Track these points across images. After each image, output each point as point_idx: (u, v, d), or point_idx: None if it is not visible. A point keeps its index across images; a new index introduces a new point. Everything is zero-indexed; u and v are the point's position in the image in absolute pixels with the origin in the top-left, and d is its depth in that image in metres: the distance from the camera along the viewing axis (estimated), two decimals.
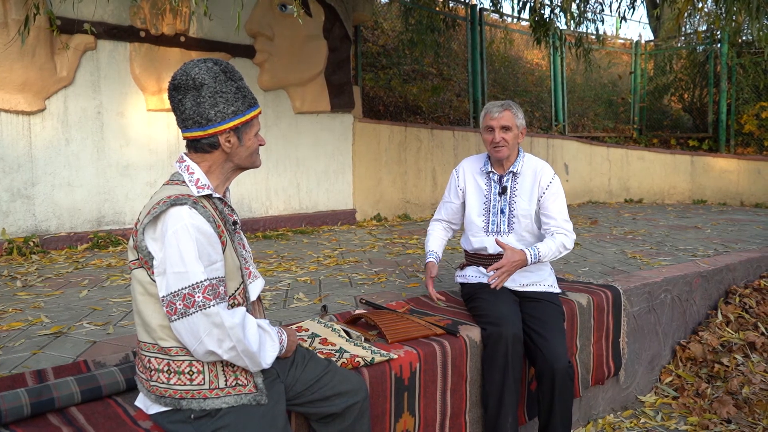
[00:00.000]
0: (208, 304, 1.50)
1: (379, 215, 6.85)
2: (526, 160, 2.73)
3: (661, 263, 4.08)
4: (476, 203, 2.76)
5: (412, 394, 2.27)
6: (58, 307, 3.00)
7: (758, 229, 5.96)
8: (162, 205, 1.52)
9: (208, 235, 1.53)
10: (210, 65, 1.59)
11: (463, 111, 9.02)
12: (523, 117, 2.66)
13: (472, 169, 2.81)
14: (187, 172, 1.63)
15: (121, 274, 3.85)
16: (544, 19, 6.78)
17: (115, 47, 5.03)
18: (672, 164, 9.33)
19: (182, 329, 1.50)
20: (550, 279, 2.77)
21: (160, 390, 1.59)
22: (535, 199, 2.66)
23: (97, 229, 4.98)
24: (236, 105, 1.60)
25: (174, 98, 1.61)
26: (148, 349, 1.61)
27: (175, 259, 1.49)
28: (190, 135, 1.62)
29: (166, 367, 1.58)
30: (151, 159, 5.27)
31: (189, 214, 1.51)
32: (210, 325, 1.50)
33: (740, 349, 3.63)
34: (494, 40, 10.36)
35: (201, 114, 1.58)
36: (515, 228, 2.68)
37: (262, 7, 5.70)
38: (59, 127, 4.80)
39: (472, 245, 2.78)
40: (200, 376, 1.58)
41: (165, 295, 1.51)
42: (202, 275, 1.50)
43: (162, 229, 1.51)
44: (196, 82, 1.56)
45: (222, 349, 1.52)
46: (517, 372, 2.43)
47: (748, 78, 9.31)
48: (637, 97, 10.81)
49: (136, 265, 1.59)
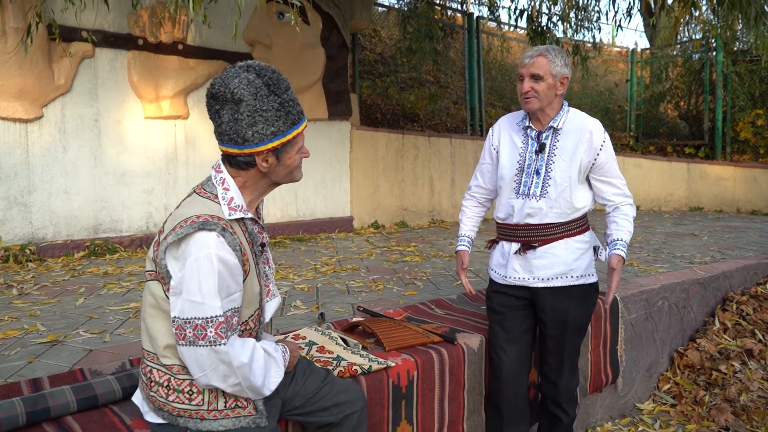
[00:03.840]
0: (219, 341, 1.42)
1: (376, 223, 6.85)
2: (571, 115, 2.32)
3: (658, 270, 4.08)
4: (509, 162, 2.38)
5: (410, 402, 2.26)
6: (54, 315, 2.99)
7: (755, 236, 5.98)
8: (189, 226, 1.43)
9: (231, 266, 1.45)
10: (251, 78, 1.44)
11: (461, 118, 9.04)
12: (564, 64, 2.25)
13: (509, 126, 2.45)
14: (221, 187, 1.53)
15: (118, 282, 3.83)
16: (541, 27, 6.82)
17: (113, 55, 5.04)
18: (668, 171, 9.36)
19: (188, 356, 1.45)
20: (583, 263, 2.34)
21: (159, 402, 1.55)
22: (579, 160, 2.26)
23: (94, 237, 4.97)
24: (277, 125, 1.47)
25: (212, 107, 1.50)
26: (151, 359, 1.57)
27: (192, 287, 1.41)
28: (226, 150, 1.52)
29: (166, 382, 1.54)
30: (149, 167, 5.27)
31: (216, 243, 1.42)
32: (217, 361, 1.44)
33: (738, 356, 3.63)
34: (491, 48, 10.41)
35: (237, 132, 1.46)
36: (549, 193, 2.28)
37: (260, 15, 5.72)
38: (56, 134, 4.80)
39: (500, 212, 2.44)
40: (200, 396, 1.53)
41: (177, 317, 1.44)
42: (219, 310, 1.43)
43: (185, 252, 1.43)
44: (235, 96, 1.43)
45: (226, 383, 1.47)
46: (519, 390, 2.44)
47: (743, 86, 9.36)
48: (633, 104, 10.86)
49: (151, 276, 1.53)
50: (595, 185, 2.35)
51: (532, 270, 2.33)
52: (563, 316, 2.33)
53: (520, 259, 2.35)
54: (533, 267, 2.33)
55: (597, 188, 2.35)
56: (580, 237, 2.35)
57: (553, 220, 2.29)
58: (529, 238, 2.33)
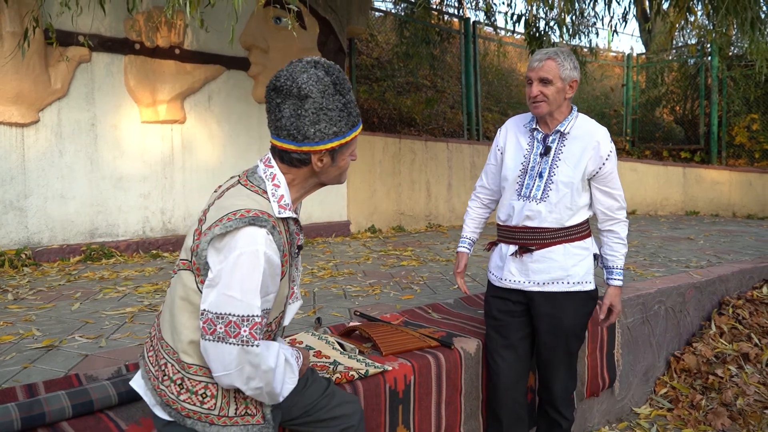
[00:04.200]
0: (253, 342, 1.36)
1: (373, 227, 6.85)
2: (579, 121, 2.30)
3: (654, 274, 4.09)
4: (513, 163, 2.36)
5: (407, 406, 2.26)
6: (49, 320, 2.97)
7: (750, 240, 6.00)
8: (239, 219, 1.36)
9: (274, 266, 1.40)
10: (321, 75, 1.41)
11: (457, 123, 9.06)
12: (573, 67, 2.22)
13: (515, 127, 2.42)
14: (271, 182, 1.47)
15: (114, 286, 3.82)
16: (539, 32, 6.85)
17: (110, 59, 5.04)
18: (664, 176, 9.39)
19: (213, 353, 1.36)
20: (581, 269, 2.30)
21: (168, 398, 1.47)
22: (583, 167, 2.23)
23: (90, 242, 4.96)
24: (339, 125, 1.44)
25: (272, 100, 1.44)
26: (168, 352, 1.48)
27: (234, 283, 1.34)
28: (280, 145, 1.46)
29: (179, 380, 1.46)
30: (145, 171, 5.26)
31: (265, 240, 1.36)
32: (245, 362, 1.37)
33: (734, 360, 3.64)
34: (488, 53, 10.44)
35: (299, 129, 1.41)
36: (550, 197, 2.25)
37: (257, 20, 5.73)
38: (53, 138, 4.79)
39: (501, 213, 2.42)
40: (212, 400, 1.47)
41: (207, 310, 1.36)
42: (257, 309, 1.36)
43: (230, 245, 1.35)
44: (302, 92, 1.39)
45: (247, 386, 1.41)
46: (518, 396, 2.44)
47: (738, 90, 9.41)
48: (629, 109, 10.90)
49: (185, 265, 1.45)
50: (593, 193, 2.32)
51: (528, 273, 2.31)
52: (558, 323, 2.30)
53: (516, 261, 2.33)
54: (529, 271, 2.30)
55: (595, 197, 2.32)
56: (580, 243, 2.31)
57: (551, 224, 2.27)
58: (527, 241, 2.31)
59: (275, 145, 1.48)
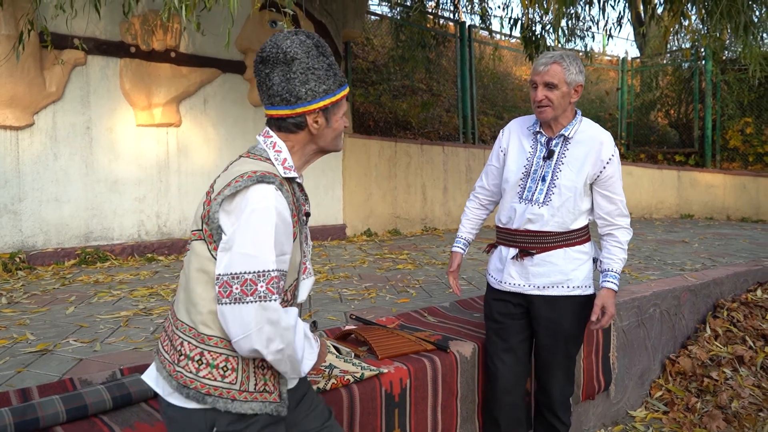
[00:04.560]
0: (270, 297, 1.34)
1: (369, 230, 6.85)
2: (583, 125, 2.28)
3: (649, 277, 4.10)
4: (516, 165, 2.34)
5: (403, 410, 2.26)
6: (44, 324, 2.96)
7: (744, 243, 6.02)
8: (247, 179, 1.37)
9: (286, 223, 1.41)
10: (303, 38, 1.47)
11: (453, 126, 9.08)
12: (578, 71, 2.20)
13: (519, 129, 2.40)
14: (273, 149, 1.49)
15: (109, 290, 3.81)
16: (534, 35, 6.88)
17: (105, 63, 5.03)
18: (659, 179, 9.43)
19: (230, 316, 1.34)
20: (581, 273, 2.30)
21: (185, 379, 1.41)
22: (587, 171, 2.22)
23: (85, 245, 4.94)
24: (328, 83, 1.49)
25: (261, 72, 1.49)
26: (184, 330, 1.44)
27: (246, 240, 1.34)
28: (275, 113, 1.50)
29: (198, 356, 1.41)
30: (141, 174, 5.25)
31: (274, 195, 1.38)
32: (264, 321, 1.34)
33: (729, 362, 3.65)
34: (483, 57, 10.48)
35: (290, 91, 1.46)
36: (552, 200, 2.24)
37: (253, 24, 5.73)
38: (47, 142, 4.78)
39: (502, 216, 2.40)
40: (234, 374, 1.42)
41: (222, 274, 1.35)
42: (273, 264, 1.35)
43: (241, 204, 1.36)
44: (288, 56, 1.44)
45: (268, 349, 1.36)
46: (516, 399, 2.44)
47: (732, 94, 9.47)
48: (624, 112, 10.95)
49: (197, 236, 1.44)
50: (594, 197, 2.30)
51: (528, 277, 2.30)
52: (557, 327, 2.30)
53: (516, 265, 2.32)
54: (529, 274, 2.29)
55: (595, 201, 2.30)
56: (580, 247, 2.31)
57: (554, 228, 2.25)
58: (527, 244, 2.30)
59: (270, 115, 1.51)
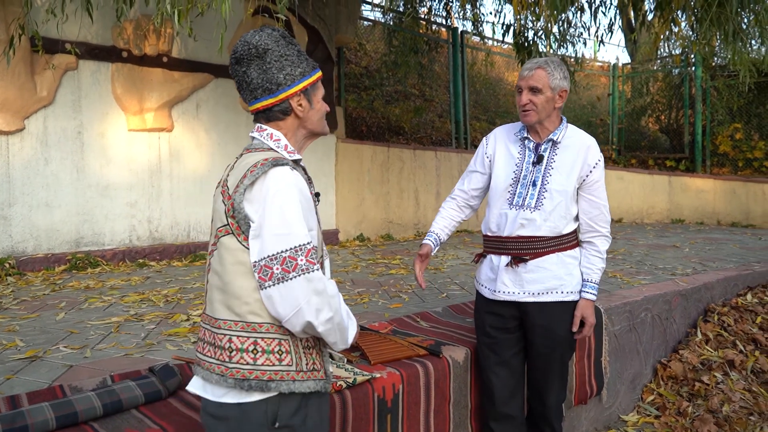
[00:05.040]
0: (312, 268, 1.38)
1: (361, 235, 6.84)
2: (570, 131, 2.32)
3: (641, 282, 4.12)
4: (504, 172, 2.34)
5: (395, 416, 2.25)
6: (33, 331, 2.93)
7: (735, 247, 6.07)
8: (262, 166, 1.42)
9: (307, 199, 1.47)
10: (269, 32, 1.55)
11: (445, 131, 9.10)
12: (563, 77, 2.24)
13: (505, 136, 2.41)
14: (271, 140, 1.54)
15: (100, 296, 3.78)
16: (527, 41, 6.92)
17: (97, 67, 5.01)
18: (650, 184, 9.49)
19: (277, 296, 1.38)
20: (574, 279, 2.30)
21: (243, 372, 1.42)
22: (576, 175, 2.25)
23: (76, 251, 4.91)
24: (302, 66, 1.56)
25: (237, 72, 1.55)
26: (229, 327, 1.45)
27: (276, 221, 1.39)
28: (261, 105, 1.55)
29: (252, 345, 1.43)
30: (132, 179, 5.23)
31: (292, 174, 1.44)
32: (310, 292, 1.38)
33: (719, 367, 3.67)
34: (476, 62, 10.52)
35: (270, 80, 1.52)
36: (544, 205, 2.24)
37: (246, 29, 5.73)
38: (38, 147, 4.75)
39: (491, 224, 2.37)
40: (288, 356, 1.45)
41: (259, 260, 1.39)
42: (306, 237, 1.40)
43: (262, 190, 1.41)
44: (259, 49, 1.52)
45: (319, 320, 1.40)
46: (514, 411, 2.43)
47: (722, 100, 9.55)
48: (615, 118, 11.02)
49: (223, 232, 1.46)
50: (579, 201, 2.31)
51: (522, 284, 2.28)
52: (552, 334, 2.29)
53: (510, 272, 2.30)
54: (524, 281, 2.28)
55: (580, 205, 2.31)
56: (571, 252, 2.31)
57: (546, 233, 2.25)
58: (520, 251, 2.28)
59: (256, 108, 1.56)
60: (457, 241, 6.82)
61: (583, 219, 2.32)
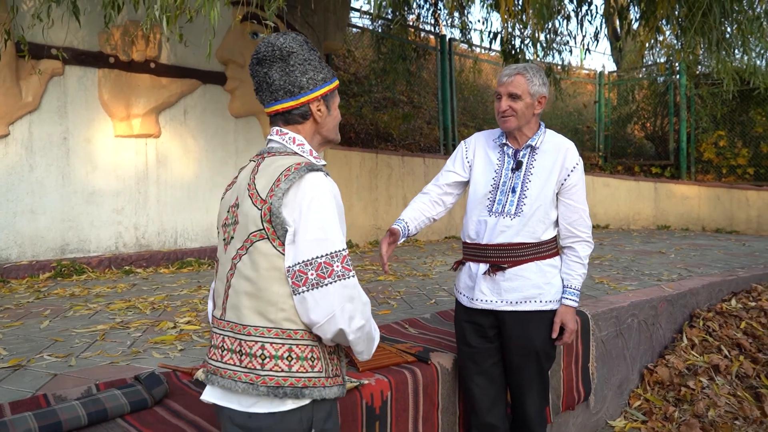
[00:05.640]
0: (348, 274, 1.38)
1: (350, 242, 6.84)
2: (548, 136, 2.30)
3: (627, 288, 4.15)
4: (484, 179, 2.33)
5: (384, 423, 2.24)
6: (17, 339, 2.90)
7: (719, 253, 6.14)
8: (297, 171, 1.40)
9: (340, 206, 1.45)
10: (294, 35, 1.54)
11: (434, 138, 9.14)
12: (542, 83, 2.23)
13: (484, 143, 2.39)
14: (294, 144, 1.52)
15: (85, 303, 3.74)
16: (514, 49, 6.98)
17: (83, 73, 4.98)
18: (636, 191, 9.59)
19: (311, 301, 1.36)
20: (553, 288, 2.28)
21: (277, 379, 1.39)
22: (554, 179, 2.24)
23: (61, 258, 4.85)
24: (324, 72, 1.55)
25: (258, 73, 1.53)
26: (261, 333, 1.41)
27: (313, 226, 1.37)
28: (281, 107, 1.52)
29: (287, 352, 1.40)
30: (119, 186, 5.19)
31: (328, 181, 1.43)
32: (345, 299, 1.37)
33: (705, 371, 3.70)
34: (463, 69, 10.58)
35: (293, 83, 1.51)
36: (524, 211, 2.23)
37: (234, 35, 5.73)
38: (23, 152, 4.70)
39: (470, 231, 2.35)
40: (319, 362, 1.44)
41: (293, 265, 1.37)
42: (342, 243, 1.40)
43: (298, 195, 1.39)
44: (284, 51, 1.50)
45: (350, 327, 1.39)
46: (496, 419, 2.42)
47: (706, 108, 9.69)
48: (601, 125, 11.13)
49: (258, 236, 1.41)
50: (558, 206, 2.29)
51: (500, 293, 2.26)
52: (529, 343, 2.27)
53: (488, 280, 2.27)
54: (502, 289, 2.26)
55: (559, 210, 2.29)
56: (551, 260, 2.29)
57: (525, 239, 2.23)
58: (499, 258, 2.26)
59: (275, 110, 1.54)
60: (445, 247, 6.84)
61: (562, 224, 2.30)
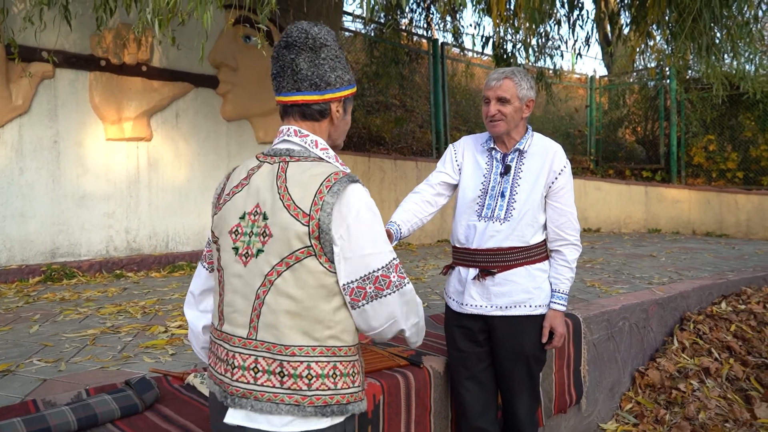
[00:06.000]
0: (403, 282, 1.38)
1: None
2: (536, 139, 2.30)
3: (618, 291, 4.17)
4: (473, 183, 2.32)
5: (376, 427, 2.24)
6: (6, 344, 2.87)
7: (709, 257, 6.18)
8: (338, 182, 1.34)
9: (379, 216, 1.41)
10: (327, 28, 1.46)
11: (426, 142, 9.16)
12: (530, 87, 2.23)
13: (472, 147, 2.39)
14: (317, 148, 1.44)
15: (75, 308, 3.72)
16: (506, 53, 7.02)
17: (74, 76, 4.96)
18: (627, 194, 9.64)
19: (371, 312, 1.36)
20: (543, 292, 2.28)
21: (324, 398, 1.36)
22: (543, 183, 2.23)
23: (51, 261, 4.82)
24: (349, 74, 1.49)
25: (284, 57, 1.42)
26: (306, 353, 1.36)
27: (363, 242, 1.34)
28: (302, 98, 1.43)
29: (332, 371, 1.38)
30: (109, 189, 5.16)
31: (366, 192, 1.39)
32: (402, 304, 1.39)
33: (696, 374, 3.72)
34: (456, 74, 10.62)
35: (321, 77, 1.42)
36: (513, 216, 2.22)
37: (226, 38, 5.72)
38: (13, 156, 4.67)
39: (459, 235, 2.34)
40: (358, 376, 1.45)
41: (349, 282, 1.34)
42: (392, 253, 1.39)
43: (343, 210, 1.33)
44: (317, 42, 1.42)
45: (407, 325, 1.42)
46: (487, 423, 2.42)
47: (696, 112, 9.77)
48: (593, 129, 11.20)
49: (305, 253, 1.34)
50: (546, 210, 2.29)
51: (490, 297, 2.26)
52: (519, 348, 2.27)
53: (477, 285, 2.27)
54: (491, 294, 2.25)
55: (547, 214, 2.29)
56: (540, 265, 2.29)
57: (514, 243, 2.23)
58: (489, 263, 2.25)
59: (294, 101, 1.44)
60: (437, 250, 6.84)
61: (550, 227, 2.29)
